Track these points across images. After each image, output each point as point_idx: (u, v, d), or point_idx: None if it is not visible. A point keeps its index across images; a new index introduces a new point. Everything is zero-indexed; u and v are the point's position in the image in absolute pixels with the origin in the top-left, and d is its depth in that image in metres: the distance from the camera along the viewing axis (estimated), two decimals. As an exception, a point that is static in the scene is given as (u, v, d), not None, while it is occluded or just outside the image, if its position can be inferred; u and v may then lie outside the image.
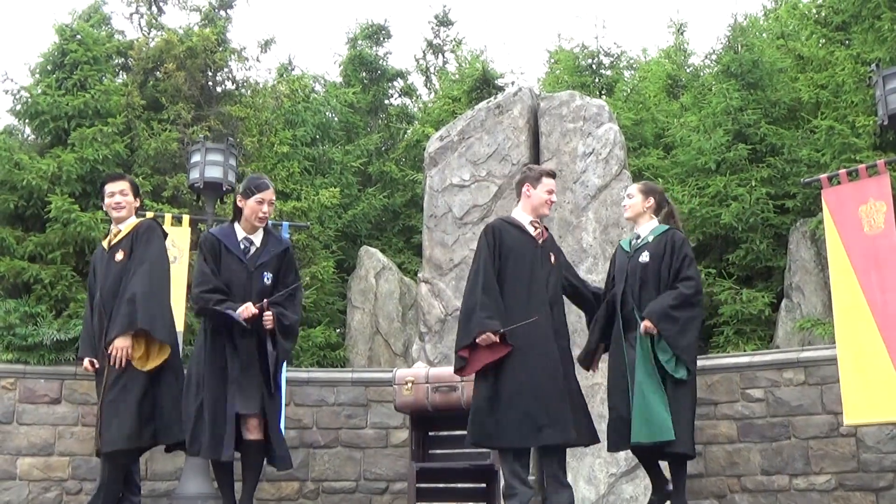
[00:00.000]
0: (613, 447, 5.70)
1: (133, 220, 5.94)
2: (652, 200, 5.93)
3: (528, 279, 5.49)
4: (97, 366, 5.69)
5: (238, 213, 5.78)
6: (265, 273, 5.65)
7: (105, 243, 5.94)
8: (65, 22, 11.14)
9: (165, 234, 6.01)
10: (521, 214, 5.71)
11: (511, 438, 5.29)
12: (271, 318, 5.51)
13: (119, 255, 5.74)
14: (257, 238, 5.75)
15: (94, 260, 6.01)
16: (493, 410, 5.31)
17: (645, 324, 5.53)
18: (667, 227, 5.91)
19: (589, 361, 6.00)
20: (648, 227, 5.92)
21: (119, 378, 5.50)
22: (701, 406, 8.98)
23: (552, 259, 5.65)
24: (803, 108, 10.88)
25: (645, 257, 5.75)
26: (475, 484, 6.57)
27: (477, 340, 5.25)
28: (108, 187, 5.92)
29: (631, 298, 5.69)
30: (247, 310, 5.45)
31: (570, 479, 8.26)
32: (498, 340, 5.25)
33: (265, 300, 5.52)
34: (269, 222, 6.24)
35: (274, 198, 5.83)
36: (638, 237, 5.92)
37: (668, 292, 5.61)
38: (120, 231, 5.87)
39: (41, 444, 8.94)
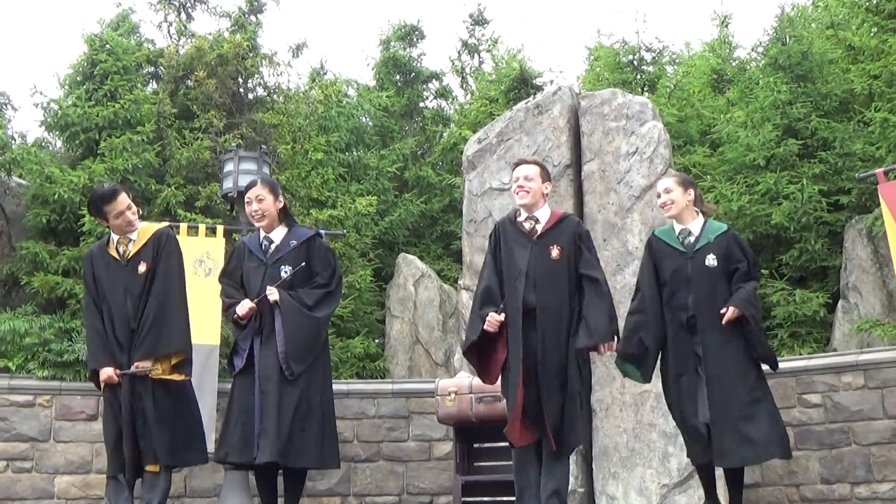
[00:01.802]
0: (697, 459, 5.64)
1: (140, 226, 5.79)
2: (692, 193, 5.72)
3: (514, 276, 5.42)
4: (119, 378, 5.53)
5: None
6: (282, 267, 5.72)
7: (113, 252, 5.72)
8: (93, 32, 11.09)
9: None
10: (521, 210, 5.68)
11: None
12: (274, 291, 5.59)
13: (142, 267, 5.63)
14: (277, 236, 5.85)
15: (96, 267, 5.73)
16: None
17: (731, 312, 5.38)
18: (724, 226, 5.75)
19: (649, 373, 5.77)
20: (698, 223, 5.67)
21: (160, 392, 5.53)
22: (756, 413, 8.80)
23: (553, 253, 5.44)
24: (856, 100, 10.56)
25: (712, 260, 5.53)
26: (523, 498, 6.37)
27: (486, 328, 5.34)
28: (111, 208, 5.62)
29: (700, 304, 5.51)
30: (242, 307, 5.63)
31: (620, 490, 8.07)
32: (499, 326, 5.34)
33: (268, 287, 5.65)
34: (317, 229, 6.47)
35: (262, 193, 5.83)
36: (689, 233, 5.65)
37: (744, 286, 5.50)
38: (132, 241, 5.71)
39: (79, 461, 8.86)
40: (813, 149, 10.44)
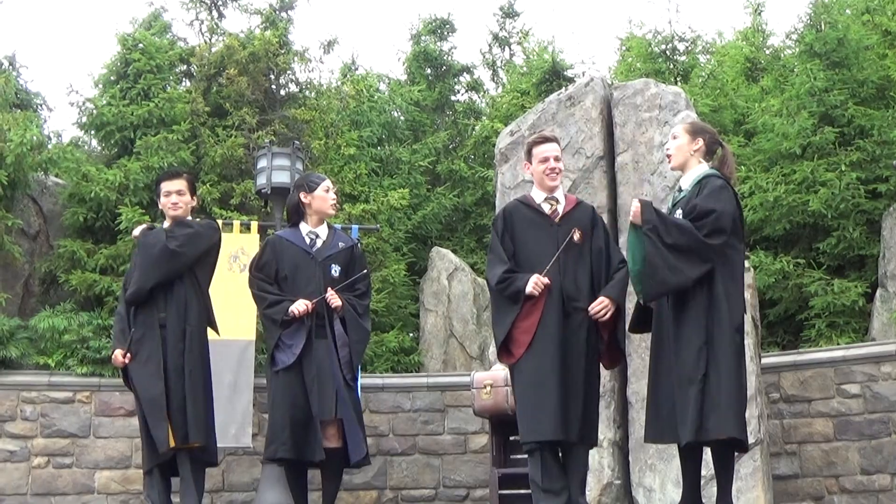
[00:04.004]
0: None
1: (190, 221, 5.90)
2: (701, 142, 5.01)
3: (536, 263, 5.07)
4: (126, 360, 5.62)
5: (299, 214, 5.79)
6: (333, 265, 5.66)
7: None
8: (126, 31, 11.18)
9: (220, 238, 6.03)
10: (536, 193, 5.35)
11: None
12: (335, 296, 5.52)
13: None
14: (322, 232, 5.77)
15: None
16: None
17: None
18: (708, 172, 4.96)
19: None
20: (693, 174, 4.95)
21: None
22: (794, 403, 8.72)
23: (575, 237, 5.14)
24: (893, 87, 10.37)
25: (678, 215, 4.87)
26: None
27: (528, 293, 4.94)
28: (165, 186, 5.85)
29: None
30: (299, 306, 5.48)
31: (657, 482, 8.00)
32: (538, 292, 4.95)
33: (328, 289, 5.54)
34: (339, 225, 6.32)
35: (332, 187, 5.90)
36: (680, 190, 5.05)
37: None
38: None
39: (118, 457, 8.94)
40: (850, 136, 10.27)
